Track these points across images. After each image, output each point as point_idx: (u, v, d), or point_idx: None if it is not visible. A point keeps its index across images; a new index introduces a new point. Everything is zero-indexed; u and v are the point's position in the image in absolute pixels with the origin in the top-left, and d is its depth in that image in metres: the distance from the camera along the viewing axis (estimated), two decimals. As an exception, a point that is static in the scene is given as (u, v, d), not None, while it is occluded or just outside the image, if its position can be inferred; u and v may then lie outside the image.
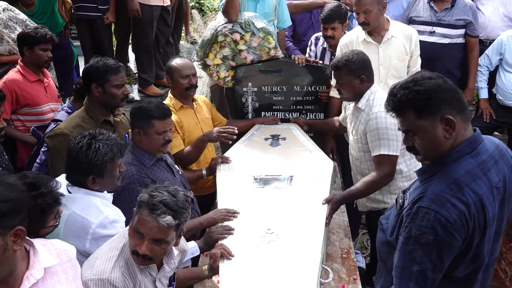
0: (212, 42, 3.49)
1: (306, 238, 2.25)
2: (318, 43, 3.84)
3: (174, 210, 1.70)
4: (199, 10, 8.82)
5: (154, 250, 1.71)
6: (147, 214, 1.68)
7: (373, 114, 2.67)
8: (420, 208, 1.57)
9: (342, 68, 2.73)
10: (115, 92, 2.56)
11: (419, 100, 1.58)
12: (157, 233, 1.69)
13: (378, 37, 3.27)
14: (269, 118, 3.58)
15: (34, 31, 3.19)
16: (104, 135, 2.06)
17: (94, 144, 1.99)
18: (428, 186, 1.60)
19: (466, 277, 1.68)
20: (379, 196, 2.79)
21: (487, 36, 4.08)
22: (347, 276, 2.36)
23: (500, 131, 4.72)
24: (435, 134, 1.59)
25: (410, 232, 1.59)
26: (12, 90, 3.15)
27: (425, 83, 1.59)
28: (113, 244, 1.80)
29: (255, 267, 2.08)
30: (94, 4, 4.56)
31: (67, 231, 2.00)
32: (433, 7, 3.87)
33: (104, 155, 1.99)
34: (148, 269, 1.83)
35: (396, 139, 2.58)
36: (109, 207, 2.05)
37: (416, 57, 3.32)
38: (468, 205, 1.54)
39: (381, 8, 3.17)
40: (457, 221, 1.53)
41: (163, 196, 1.70)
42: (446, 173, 1.59)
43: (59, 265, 1.60)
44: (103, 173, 2.02)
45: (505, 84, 3.80)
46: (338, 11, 3.54)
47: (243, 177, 2.80)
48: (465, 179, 1.56)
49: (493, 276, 3.61)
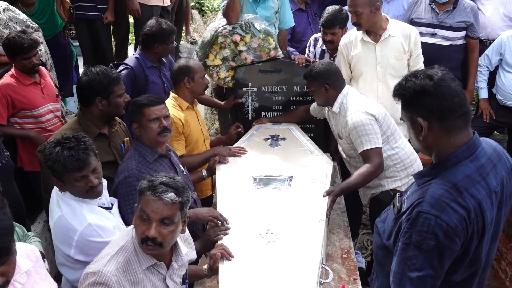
0: (212, 43, 3.49)
1: (305, 238, 2.25)
2: (317, 44, 3.84)
3: (176, 188, 1.74)
4: (199, 10, 8.81)
5: (163, 233, 1.72)
6: (149, 195, 1.71)
7: (349, 116, 2.86)
8: (420, 213, 1.55)
9: (307, 78, 3.03)
10: (119, 102, 2.56)
11: (401, 95, 1.65)
12: (164, 211, 1.71)
13: (375, 37, 3.27)
14: (226, 150, 3.09)
15: (11, 42, 3.10)
16: (73, 143, 2.00)
17: (58, 148, 1.99)
18: (426, 191, 1.58)
19: (463, 282, 1.67)
20: (377, 182, 2.93)
21: (487, 36, 4.08)
22: (347, 276, 2.36)
23: (500, 131, 4.72)
24: (413, 130, 1.66)
25: (410, 238, 1.56)
26: (7, 95, 3.13)
27: (414, 81, 1.62)
28: (115, 242, 1.82)
29: (254, 268, 2.08)
30: (93, 3, 4.56)
31: (55, 233, 2.04)
32: (434, 9, 3.86)
33: (54, 163, 1.98)
34: (156, 267, 1.83)
35: (374, 132, 2.78)
36: (96, 214, 2.05)
37: (416, 56, 3.31)
38: (468, 210, 1.53)
39: (374, 10, 3.15)
40: (458, 226, 1.52)
41: (162, 178, 1.76)
42: (445, 178, 1.57)
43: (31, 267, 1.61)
44: (63, 180, 2.02)
45: (505, 84, 3.80)
46: (339, 17, 3.50)
47: (242, 177, 2.80)
48: (464, 183, 1.55)
49: (493, 276, 3.62)
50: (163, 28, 3.30)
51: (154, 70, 3.42)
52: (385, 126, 2.87)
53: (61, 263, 2.08)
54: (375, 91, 3.28)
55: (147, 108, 2.43)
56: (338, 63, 3.42)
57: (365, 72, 3.31)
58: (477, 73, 3.95)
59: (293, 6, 4.09)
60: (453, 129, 1.59)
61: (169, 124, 2.48)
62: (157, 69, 3.44)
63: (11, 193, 2.58)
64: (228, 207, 2.52)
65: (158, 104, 2.47)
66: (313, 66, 3.00)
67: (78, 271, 2.02)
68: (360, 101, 2.91)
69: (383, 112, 2.90)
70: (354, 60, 3.34)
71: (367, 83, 3.32)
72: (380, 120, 2.84)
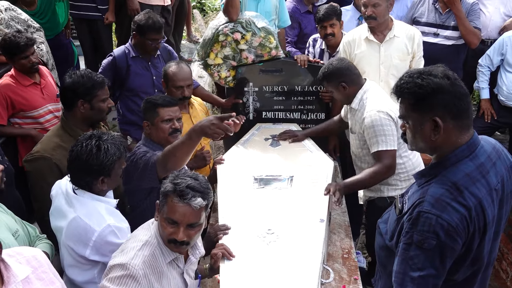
0: (213, 41, 3.49)
1: (306, 238, 2.25)
2: (316, 45, 3.85)
3: (202, 192, 1.74)
4: (201, 10, 8.81)
5: (190, 234, 1.76)
6: (178, 201, 1.71)
7: (367, 113, 2.73)
8: (421, 213, 1.55)
9: (323, 81, 2.93)
10: (102, 107, 2.51)
11: (416, 93, 1.58)
12: (192, 217, 1.73)
13: (380, 36, 3.27)
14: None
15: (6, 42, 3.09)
16: (108, 135, 2.06)
17: (103, 145, 1.99)
18: (427, 190, 1.58)
19: (465, 281, 1.67)
20: (376, 186, 2.86)
21: (488, 36, 4.08)
22: (348, 276, 2.36)
23: (501, 131, 4.71)
24: (422, 130, 1.60)
25: (412, 238, 1.56)
26: (6, 96, 3.14)
27: (428, 80, 1.57)
28: (138, 238, 1.83)
29: (255, 268, 2.08)
30: (94, 4, 4.56)
31: (69, 233, 2.01)
32: (438, 9, 3.85)
33: (113, 155, 2.00)
34: (176, 261, 1.86)
35: (391, 133, 2.67)
36: (112, 215, 2.05)
37: (418, 58, 3.32)
38: (469, 208, 1.53)
39: (389, 5, 3.20)
40: (459, 225, 1.51)
41: (187, 181, 1.74)
42: (445, 177, 1.57)
43: (32, 273, 1.56)
44: (111, 173, 2.03)
45: (506, 85, 3.79)
46: (333, 8, 3.57)
47: (243, 177, 2.80)
48: (464, 182, 1.55)
49: (493, 276, 3.61)
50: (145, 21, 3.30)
51: (140, 61, 3.44)
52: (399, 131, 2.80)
53: (70, 265, 2.06)
54: None
55: (162, 109, 2.47)
56: None
57: (368, 72, 3.30)
58: (478, 73, 3.94)
59: (301, 8, 4.21)
60: (463, 129, 1.58)
61: (181, 126, 2.54)
62: (144, 61, 3.45)
63: (12, 196, 2.59)
64: (229, 207, 2.51)
65: (173, 105, 2.52)
66: (324, 68, 2.89)
67: (87, 271, 2.03)
68: (380, 99, 2.81)
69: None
70: (357, 59, 3.33)
71: None
72: (397, 123, 2.74)
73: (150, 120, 2.48)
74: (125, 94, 3.51)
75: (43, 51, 3.82)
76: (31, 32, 3.73)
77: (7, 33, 3.22)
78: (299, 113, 3.67)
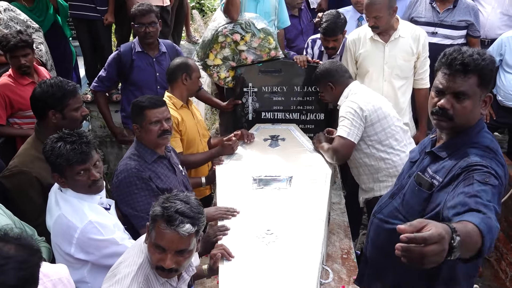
0: (212, 42, 3.49)
1: (305, 238, 2.25)
2: (315, 46, 3.85)
3: (191, 217, 1.65)
4: (200, 10, 8.81)
5: (179, 261, 1.68)
6: (165, 227, 1.63)
7: (343, 103, 2.88)
8: (471, 166, 1.60)
9: (314, 82, 3.20)
10: (75, 116, 2.43)
11: (488, 70, 1.66)
12: (179, 244, 1.65)
13: (385, 36, 3.28)
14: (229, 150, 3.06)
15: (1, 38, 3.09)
16: (75, 138, 1.99)
17: (60, 143, 1.97)
18: (464, 155, 1.66)
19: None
20: (370, 185, 2.91)
21: (486, 35, 4.09)
22: (347, 277, 2.36)
23: (500, 132, 4.71)
24: (478, 105, 1.69)
25: (473, 178, 1.56)
26: (4, 95, 3.14)
27: (491, 58, 1.67)
28: (131, 260, 1.76)
29: (254, 268, 2.08)
30: (93, 4, 4.56)
31: (55, 231, 2.02)
32: (435, 8, 3.86)
33: (57, 157, 1.95)
34: (169, 281, 1.80)
35: (357, 127, 2.76)
36: (95, 212, 2.03)
37: (424, 59, 3.32)
38: (504, 165, 1.67)
39: (391, 12, 3.20)
40: (502, 177, 1.62)
41: (177, 205, 1.65)
42: (476, 143, 1.68)
43: None
44: (65, 175, 1.99)
45: (505, 85, 3.80)
46: (339, 23, 3.52)
47: (242, 178, 2.80)
48: (494, 145, 1.69)
49: (493, 277, 3.62)
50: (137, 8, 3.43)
51: (144, 56, 3.53)
52: (378, 127, 2.81)
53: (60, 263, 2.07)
54: (380, 91, 3.26)
55: (148, 111, 2.42)
56: (344, 60, 3.46)
57: (372, 71, 3.31)
58: None
59: None
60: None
61: (170, 126, 2.48)
62: (149, 56, 3.52)
63: None
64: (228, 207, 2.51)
65: (160, 106, 2.45)
66: (317, 69, 3.08)
67: (78, 270, 2.02)
68: (360, 94, 2.86)
69: (383, 113, 2.82)
70: (361, 58, 3.35)
71: (373, 82, 3.32)
72: (373, 119, 2.78)
73: (139, 123, 2.43)
74: (128, 88, 3.60)
75: (42, 52, 3.82)
76: (30, 32, 3.73)
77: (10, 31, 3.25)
78: (298, 114, 3.67)
